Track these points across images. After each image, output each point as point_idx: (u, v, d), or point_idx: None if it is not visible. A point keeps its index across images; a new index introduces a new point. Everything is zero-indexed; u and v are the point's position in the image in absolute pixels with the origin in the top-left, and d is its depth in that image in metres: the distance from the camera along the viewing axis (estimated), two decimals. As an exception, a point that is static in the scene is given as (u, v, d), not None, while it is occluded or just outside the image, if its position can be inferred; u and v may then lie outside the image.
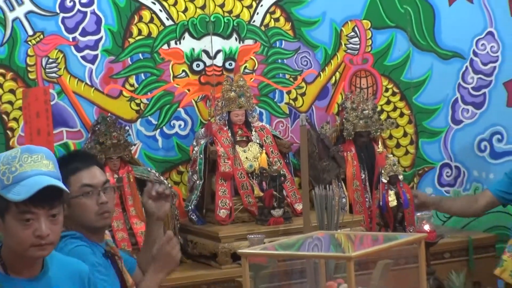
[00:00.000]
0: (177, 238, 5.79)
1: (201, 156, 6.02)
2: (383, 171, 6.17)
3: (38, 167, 3.02)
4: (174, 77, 6.33)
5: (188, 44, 6.34)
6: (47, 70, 6.02)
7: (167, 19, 6.27)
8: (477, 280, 5.98)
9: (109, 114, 6.07)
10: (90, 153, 5.34)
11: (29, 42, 5.98)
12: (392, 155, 6.51)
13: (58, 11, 6.05)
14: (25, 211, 2.95)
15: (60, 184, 3.03)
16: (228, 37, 6.41)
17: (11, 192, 2.95)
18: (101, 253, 4.14)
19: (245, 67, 6.43)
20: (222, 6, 6.36)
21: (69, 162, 4.17)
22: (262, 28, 6.47)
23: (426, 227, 5.63)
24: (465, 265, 6.06)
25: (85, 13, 6.09)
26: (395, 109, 6.79)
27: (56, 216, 3.06)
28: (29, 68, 6.00)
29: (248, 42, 6.45)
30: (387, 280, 4.21)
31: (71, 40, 6.09)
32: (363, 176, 6.31)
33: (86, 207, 4.05)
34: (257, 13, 6.44)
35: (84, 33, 6.11)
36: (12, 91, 5.96)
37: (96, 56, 6.14)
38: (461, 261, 6.10)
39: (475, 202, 6.41)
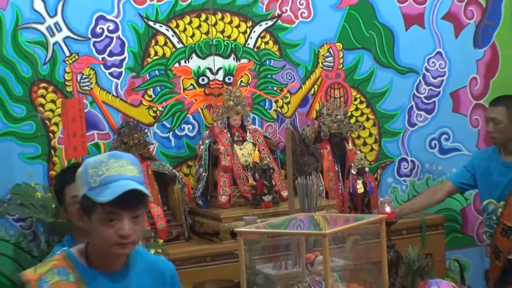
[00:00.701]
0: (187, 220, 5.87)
1: (206, 153, 6.03)
2: (352, 165, 6.21)
3: (123, 172, 2.87)
4: (184, 89, 6.30)
5: (195, 62, 6.32)
6: (81, 84, 6.00)
7: (178, 43, 6.25)
8: (429, 252, 5.96)
9: (131, 120, 6.06)
10: None
11: (67, 62, 5.95)
12: (360, 152, 6.51)
13: (90, 36, 6.04)
14: (110, 212, 2.82)
15: (142, 188, 2.88)
16: (227, 57, 6.39)
17: (98, 194, 2.80)
18: None
19: (241, 81, 6.42)
20: (222, 32, 6.36)
21: (66, 174, 4.05)
22: (255, 49, 6.46)
23: (387, 209, 5.58)
24: (419, 241, 6.06)
25: (111, 38, 6.08)
26: (362, 114, 6.78)
27: (138, 217, 2.91)
28: (66, 83, 5.97)
29: (244, 61, 6.43)
30: (356, 252, 4.20)
31: (100, 59, 6.07)
32: (337, 168, 6.29)
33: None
34: (251, 38, 6.42)
35: (111, 54, 6.09)
36: (53, 101, 5.93)
37: (120, 73, 6.12)
38: (416, 237, 6.12)
39: (435, 193, 6.44)
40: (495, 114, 5.92)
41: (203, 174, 6.03)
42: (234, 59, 6.42)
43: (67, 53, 5.98)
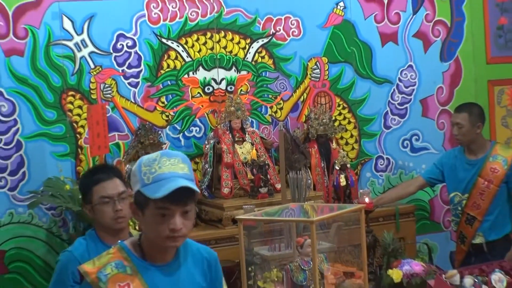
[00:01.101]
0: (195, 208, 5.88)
1: (211, 151, 6.04)
2: (336, 161, 6.20)
3: (175, 170, 2.73)
4: (192, 97, 6.29)
5: (201, 74, 6.31)
6: (104, 92, 6.01)
7: (187, 57, 6.25)
8: (402, 237, 5.98)
9: (147, 123, 6.06)
10: (112, 166, 5.02)
11: (92, 73, 5.97)
12: (342, 150, 6.49)
13: (111, 51, 6.04)
14: (162, 207, 2.70)
15: (193, 185, 2.73)
16: (229, 69, 6.37)
17: (151, 190, 2.68)
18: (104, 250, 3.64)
19: (241, 90, 6.40)
20: (225, 47, 6.34)
21: (94, 174, 3.88)
22: (253, 63, 6.44)
23: (366, 200, 5.59)
24: (393, 226, 6.07)
25: (130, 53, 6.09)
26: (344, 118, 6.75)
27: (188, 212, 2.77)
28: (91, 91, 5.99)
29: (243, 72, 6.41)
30: (339, 236, 4.22)
31: (120, 71, 6.08)
32: (323, 164, 6.30)
33: (105, 213, 3.75)
34: (249, 53, 6.42)
35: (129, 66, 6.10)
36: (80, 107, 5.95)
37: (138, 83, 6.13)
38: (390, 223, 6.11)
39: (409, 186, 6.47)
40: (459, 120, 5.96)
41: (208, 169, 6.04)
42: (235, 71, 6.40)
43: (92, 66, 5.99)
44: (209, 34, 6.32)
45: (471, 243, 6.03)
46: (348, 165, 6.29)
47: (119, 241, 3.14)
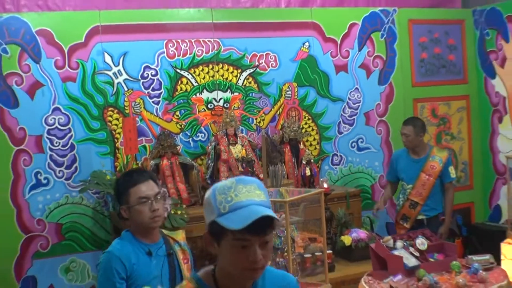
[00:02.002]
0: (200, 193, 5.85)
1: (212, 151, 6.02)
2: (303, 158, 6.18)
3: (252, 197, 2.07)
4: (198, 111, 6.26)
5: (205, 95, 6.28)
6: (134, 108, 6.00)
7: (195, 82, 6.23)
8: (351, 212, 5.97)
9: (166, 130, 6.05)
10: (146, 170, 4.29)
11: (125, 94, 5.96)
12: (307, 150, 6.47)
13: (140, 78, 6.03)
14: (241, 238, 2.05)
15: (273, 214, 2.07)
16: (225, 91, 6.35)
17: (228, 221, 2.03)
18: (145, 252, 3.23)
19: (234, 106, 6.37)
20: (222, 75, 6.31)
21: (130, 177, 3.32)
22: (242, 86, 6.42)
23: (325, 185, 5.63)
24: (345, 205, 6.03)
25: (153, 79, 6.07)
26: (309, 127, 6.73)
27: (268, 242, 2.10)
28: (125, 107, 5.98)
29: (236, 93, 6.39)
30: (305, 212, 4.22)
31: (146, 93, 6.06)
32: (293, 160, 6.28)
33: (142, 213, 3.18)
34: (240, 79, 6.39)
35: (153, 89, 6.08)
36: (117, 119, 5.94)
37: (159, 101, 6.11)
38: (343, 202, 6.07)
39: (388, 191, 6.39)
40: (406, 131, 5.97)
41: (211, 164, 6.02)
42: (229, 92, 6.37)
43: (126, 89, 5.98)
44: (211, 66, 6.30)
45: (415, 219, 6.01)
46: (312, 161, 6.26)
47: (192, 272, 2.74)
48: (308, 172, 6.08)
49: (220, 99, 6.35)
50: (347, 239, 5.28)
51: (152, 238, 3.28)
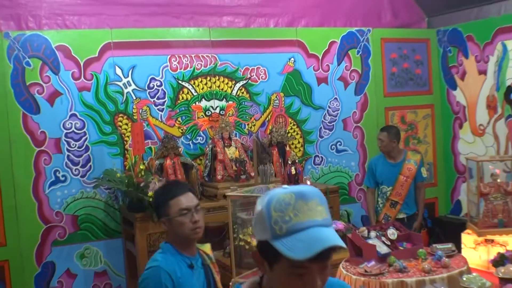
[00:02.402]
0: (198, 189, 5.83)
1: (209, 152, 6.00)
2: (289, 158, 6.16)
3: (314, 217, 1.56)
4: (198, 118, 6.24)
5: (203, 103, 6.26)
6: (141, 114, 5.98)
7: (194, 92, 6.20)
8: (330, 206, 5.71)
9: (169, 134, 6.03)
10: (184, 182, 3.85)
11: (134, 102, 5.95)
12: (293, 151, 6.46)
13: (146, 88, 6.00)
14: (299, 266, 1.57)
15: (341, 242, 1.58)
16: (221, 100, 6.33)
17: (286, 247, 1.54)
18: (187, 264, 2.94)
19: (229, 113, 6.36)
20: (218, 86, 6.29)
21: (169, 189, 3.01)
22: (236, 96, 6.40)
23: (308, 182, 5.63)
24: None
25: (158, 89, 6.05)
26: (294, 131, 6.72)
27: (327, 266, 1.62)
28: (134, 114, 5.95)
29: (230, 102, 6.37)
30: None
31: (152, 101, 6.04)
32: (280, 160, 6.24)
33: (183, 225, 2.89)
34: (234, 90, 6.38)
35: (158, 98, 6.06)
36: (126, 124, 5.91)
37: (163, 108, 6.09)
38: (327, 198, 6.01)
39: (372, 199, 6.27)
40: (381, 137, 6.02)
41: (208, 163, 5.99)
42: (225, 101, 6.35)
43: (134, 98, 5.96)
44: (208, 78, 6.28)
45: (395, 218, 5.96)
46: (297, 161, 6.26)
47: (236, 285, 2.43)
48: (293, 171, 6.07)
49: (217, 107, 6.34)
50: (327, 230, 5.29)
51: (192, 251, 3.01)
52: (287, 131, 6.57)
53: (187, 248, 2.97)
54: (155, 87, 6.07)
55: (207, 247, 3.16)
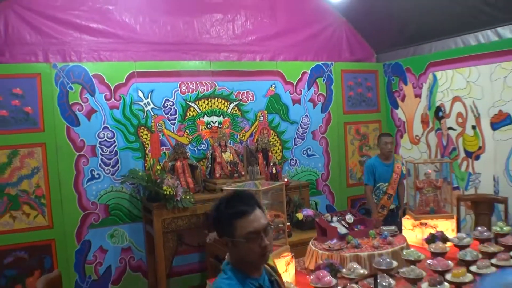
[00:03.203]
0: (201, 185, 5.78)
1: (210, 156, 5.96)
2: (271, 161, 6.06)
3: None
4: (201, 130, 6.21)
5: (206, 118, 6.22)
6: (158, 127, 5.94)
7: (199, 110, 6.17)
8: (302, 197, 5.91)
9: (179, 142, 5.99)
10: (251, 195, 2.20)
11: (152, 118, 5.91)
12: (274, 156, 6.40)
13: (162, 107, 5.97)
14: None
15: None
16: (219, 116, 6.30)
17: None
18: (255, 287, 2.04)
19: (226, 126, 6.32)
20: (217, 106, 6.26)
21: (234, 206, 2.03)
22: (230, 113, 6.38)
23: (285, 179, 5.63)
24: (298, 192, 5.97)
25: (171, 108, 6.02)
26: (275, 140, 6.69)
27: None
28: (152, 127, 5.91)
29: (226, 118, 6.34)
30: (272, 197, 4.19)
31: (166, 117, 6.00)
32: (264, 162, 6.18)
33: (250, 250, 1.98)
34: (229, 108, 6.35)
35: (171, 115, 6.02)
36: (146, 134, 5.87)
37: (175, 123, 6.05)
38: (297, 191, 6.02)
39: (371, 196, 5.94)
40: (390, 140, 5.89)
41: (209, 165, 5.96)
42: (222, 117, 6.32)
43: (152, 114, 5.92)
44: (209, 99, 6.25)
45: (389, 209, 5.92)
46: (277, 163, 6.14)
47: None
48: (274, 171, 6.00)
49: (216, 121, 6.31)
50: (300, 215, 5.28)
51: (259, 271, 2.12)
52: (270, 140, 6.55)
53: (254, 270, 2.09)
54: (169, 106, 6.04)
55: (270, 259, 2.22)
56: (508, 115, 5.56)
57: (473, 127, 6.01)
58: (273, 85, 6.67)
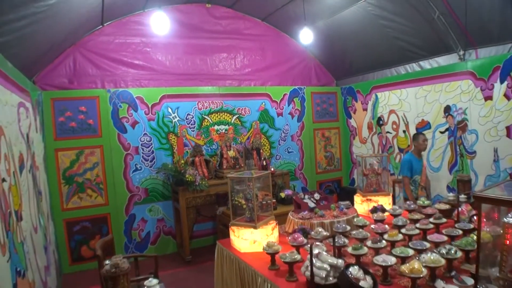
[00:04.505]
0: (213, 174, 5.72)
1: (219, 153, 5.89)
2: (262, 157, 6.05)
3: None
4: (213, 135, 6.16)
5: (216, 127, 6.18)
6: (182, 133, 5.88)
7: (211, 121, 6.13)
8: (285, 182, 5.80)
9: (197, 144, 5.93)
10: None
11: (178, 127, 5.87)
12: (264, 153, 6.37)
13: (185, 119, 5.93)
14: None
15: None
16: (225, 125, 6.25)
17: None
18: None
19: (230, 132, 6.27)
20: (224, 118, 6.23)
21: None
22: (233, 123, 6.32)
23: (272, 169, 5.60)
24: (281, 178, 5.83)
25: (192, 120, 5.98)
26: (266, 141, 6.64)
27: None
28: (178, 133, 5.86)
29: (230, 126, 6.29)
30: (262, 182, 4.14)
31: (188, 126, 5.95)
32: (257, 157, 6.08)
33: None
34: (232, 120, 6.30)
35: (191, 124, 5.97)
36: (174, 139, 5.83)
37: (194, 130, 6.01)
38: (280, 177, 5.93)
39: (409, 187, 4.86)
40: (426, 138, 4.93)
41: (218, 159, 5.89)
42: (227, 126, 6.27)
43: (178, 124, 5.89)
44: (218, 113, 6.21)
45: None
46: (266, 158, 6.15)
47: None
48: (264, 163, 5.98)
49: (223, 129, 6.27)
50: (282, 195, 5.25)
51: None
52: (261, 142, 6.50)
53: None
54: (190, 118, 6.01)
55: None
56: (428, 123, 5.59)
57: (404, 131, 6.04)
58: (263, 103, 6.63)
